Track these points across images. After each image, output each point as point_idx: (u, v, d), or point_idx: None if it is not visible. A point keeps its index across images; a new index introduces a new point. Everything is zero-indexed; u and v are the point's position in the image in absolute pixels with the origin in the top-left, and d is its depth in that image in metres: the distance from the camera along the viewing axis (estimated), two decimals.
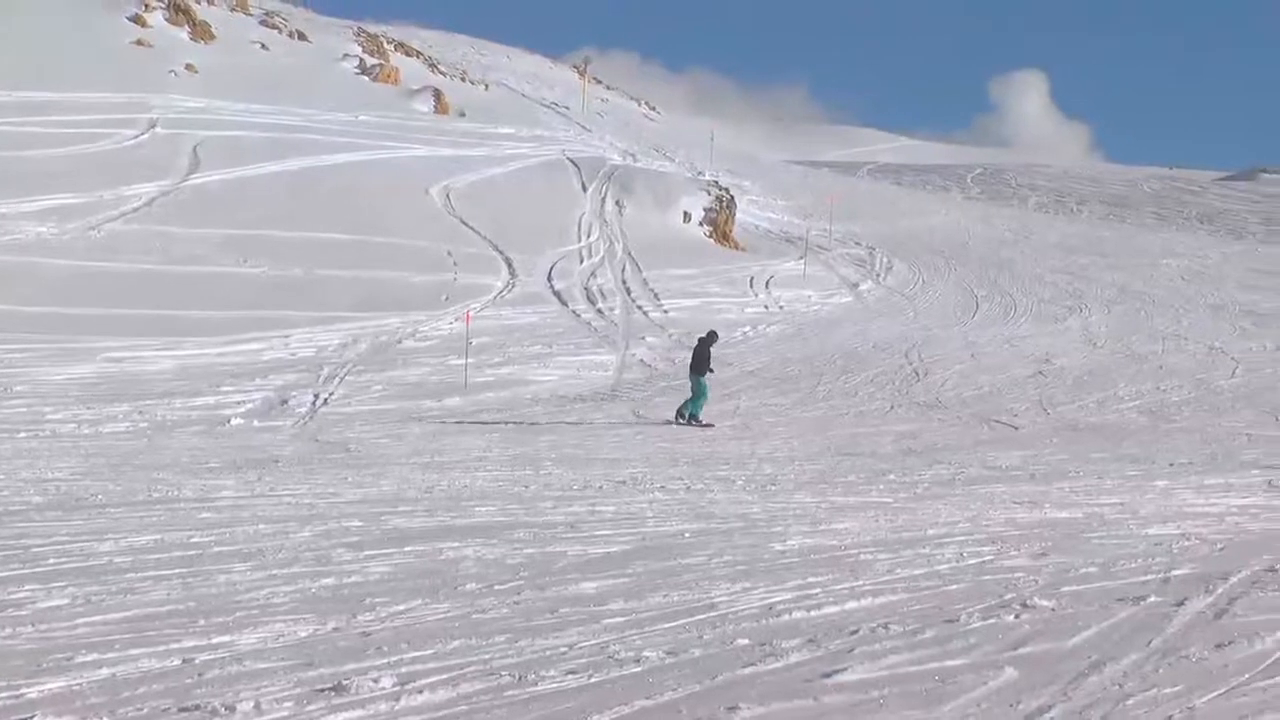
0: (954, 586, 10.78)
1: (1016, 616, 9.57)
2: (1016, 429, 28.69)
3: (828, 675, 7.99)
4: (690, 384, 30.07)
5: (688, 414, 29.09)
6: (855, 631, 9.07)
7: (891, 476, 19.95)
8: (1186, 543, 13.14)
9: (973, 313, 50.53)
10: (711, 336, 31.56)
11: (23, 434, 25.24)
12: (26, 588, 10.18)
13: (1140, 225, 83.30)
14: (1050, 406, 32.53)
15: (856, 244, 66.01)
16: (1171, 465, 22.01)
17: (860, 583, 10.86)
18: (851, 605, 10.00)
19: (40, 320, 36.99)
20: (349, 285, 44.59)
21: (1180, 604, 10.02)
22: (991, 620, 9.44)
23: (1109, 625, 9.33)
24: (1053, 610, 9.81)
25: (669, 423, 28.70)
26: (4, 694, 7.42)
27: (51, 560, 11.38)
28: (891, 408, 32.23)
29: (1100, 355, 41.59)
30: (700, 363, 30.06)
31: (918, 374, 37.43)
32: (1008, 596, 10.29)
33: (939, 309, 51.17)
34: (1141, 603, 10.06)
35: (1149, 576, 11.24)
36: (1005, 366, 39.03)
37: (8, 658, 8.18)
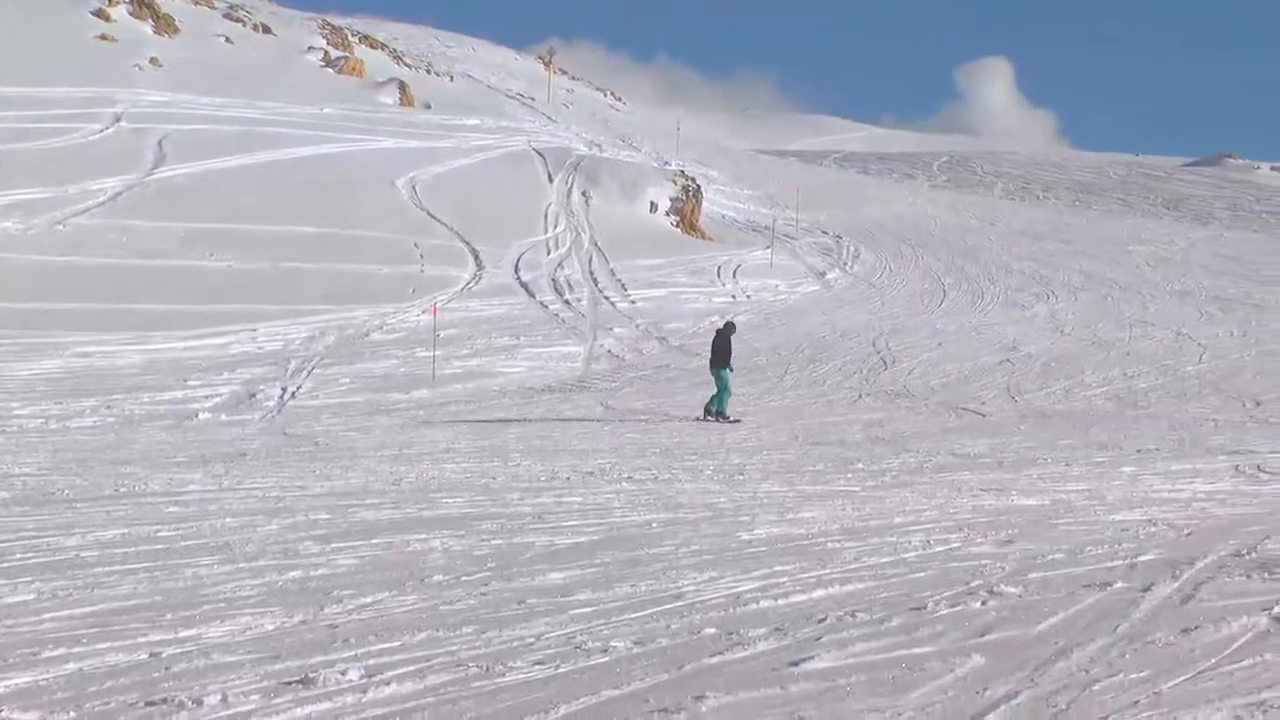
0: (921, 574, 10.79)
1: (983, 603, 9.58)
2: (984, 416, 28.75)
3: (795, 664, 8.00)
4: (714, 380, 28.81)
5: (714, 411, 28.08)
6: (822, 620, 9.07)
7: (859, 465, 19.97)
8: (1153, 528, 13.18)
9: (940, 301, 50.67)
10: (729, 327, 30.29)
11: None
12: None
13: (1106, 211, 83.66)
14: (1018, 394, 32.61)
15: (823, 233, 66.12)
16: (1139, 451, 22.06)
17: (827, 571, 10.87)
18: (818, 594, 10.00)
19: (6, 315, 36.84)
20: (315, 278, 44.51)
21: (1147, 589, 10.05)
22: (958, 607, 9.45)
23: (1076, 611, 9.35)
24: (1019, 597, 9.83)
25: (696, 419, 27.86)
26: None
27: (18, 555, 11.34)
28: (859, 396, 32.27)
29: (1067, 342, 41.73)
30: (720, 356, 28.84)
31: (885, 362, 37.51)
32: (974, 584, 10.30)
33: (906, 297, 51.30)
34: (1108, 588, 10.08)
35: (1116, 562, 11.27)
36: (973, 354, 39.14)
37: None
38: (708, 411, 28.17)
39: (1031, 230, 71.93)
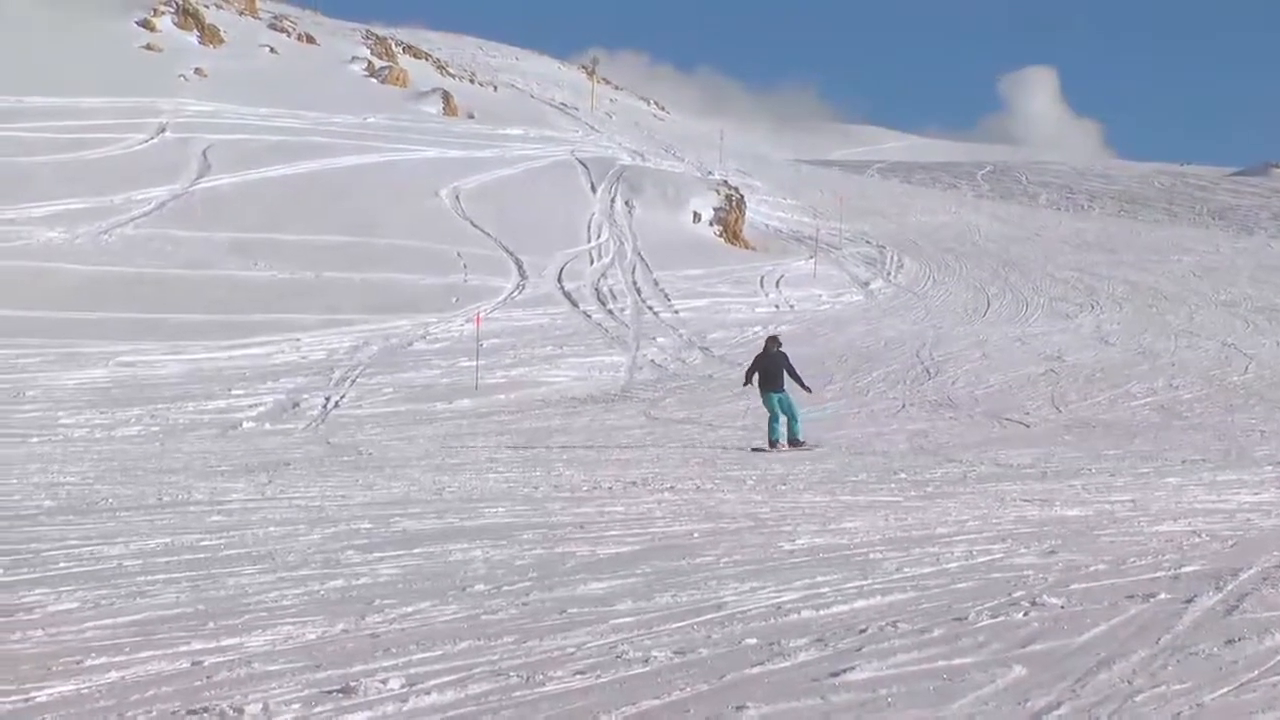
0: (963, 585, 10.74)
1: (1025, 614, 9.53)
2: (1028, 427, 28.64)
3: (835, 674, 7.97)
4: (767, 407, 25.68)
5: (788, 437, 25.14)
6: (863, 630, 9.04)
7: (902, 475, 19.91)
8: (1197, 539, 13.08)
9: (984, 310, 50.50)
10: (774, 341, 27.13)
11: (35, 438, 25.29)
12: (37, 591, 10.19)
13: (1151, 222, 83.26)
14: (1062, 404, 32.48)
15: (867, 242, 66.02)
16: (1183, 462, 21.96)
17: (869, 581, 10.83)
18: (860, 604, 9.96)
19: (52, 325, 37.04)
20: (358, 288, 44.65)
21: (1190, 601, 9.97)
22: (1000, 618, 9.40)
23: (1118, 622, 9.29)
24: (1062, 608, 9.77)
25: (755, 449, 25.05)
26: (14, 697, 7.43)
27: (62, 564, 11.39)
28: (903, 406, 32.20)
29: (1112, 352, 41.54)
30: (771, 378, 25.89)
31: (929, 372, 37.41)
32: (1017, 594, 10.25)
33: (950, 307, 51.14)
34: (1151, 600, 10.01)
35: (1159, 573, 11.19)
36: (1017, 364, 39.00)
37: (18, 661, 8.19)
38: (790, 441, 25.22)
39: (1076, 240, 71.68)
